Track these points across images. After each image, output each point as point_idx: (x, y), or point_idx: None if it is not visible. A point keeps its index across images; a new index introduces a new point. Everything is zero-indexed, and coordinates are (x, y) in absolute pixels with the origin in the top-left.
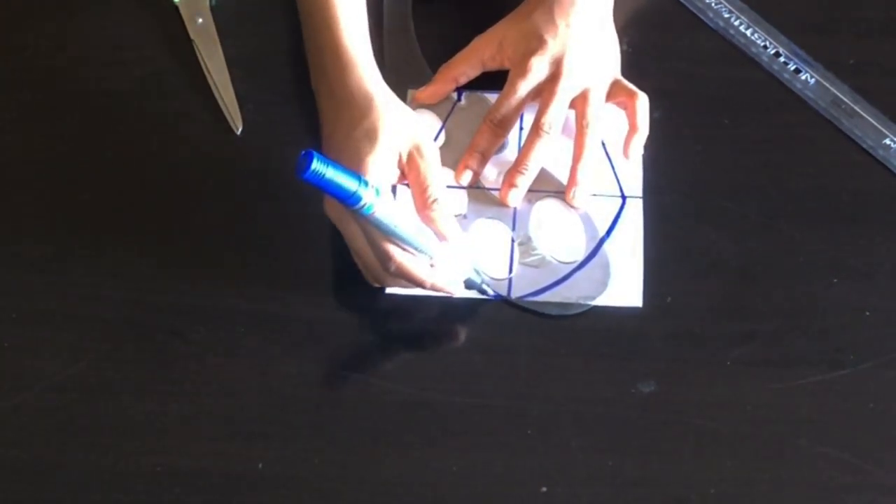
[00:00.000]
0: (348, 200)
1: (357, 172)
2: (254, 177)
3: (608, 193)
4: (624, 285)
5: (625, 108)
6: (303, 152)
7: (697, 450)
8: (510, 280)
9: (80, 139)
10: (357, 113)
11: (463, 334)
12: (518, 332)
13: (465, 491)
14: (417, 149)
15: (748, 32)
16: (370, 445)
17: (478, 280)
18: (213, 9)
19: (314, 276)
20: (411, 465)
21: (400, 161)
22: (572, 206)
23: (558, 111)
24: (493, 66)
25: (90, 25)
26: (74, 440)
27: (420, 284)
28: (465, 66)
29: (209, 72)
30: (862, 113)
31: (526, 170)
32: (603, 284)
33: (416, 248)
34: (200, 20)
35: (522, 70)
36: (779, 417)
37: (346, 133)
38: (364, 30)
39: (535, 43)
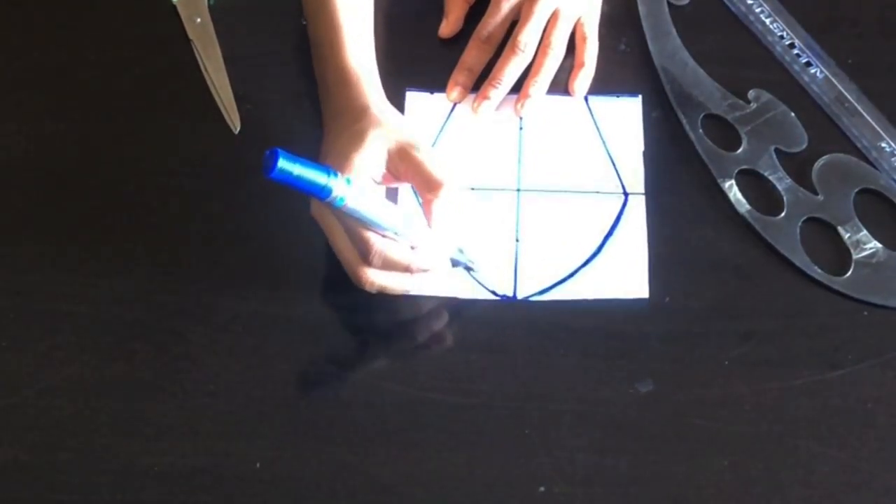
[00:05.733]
0: (319, 194)
1: (328, 166)
2: (252, 177)
3: (610, 191)
4: (630, 278)
5: (575, 47)
6: (267, 151)
7: (695, 449)
8: (515, 280)
9: (79, 139)
10: (351, 119)
11: (461, 334)
12: (516, 332)
13: (463, 490)
14: (410, 145)
15: (768, 21)
16: (369, 445)
17: (463, 258)
18: (211, 9)
19: (314, 276)
20: (410, 465)
21: (391, 160)
22: (516, 114)
23: (534, 31)
24: None
25: (89, 25)
26: (73, 440)
27: (406, 269)
28: None
29: (207, 72)
30: (863, 113)
31: (499, 84)
32: (609, 279)
33: (395, 234)
34: (199, 20)
35: None
36: (777, 417)
37: (337, 135)
38: (370, 49)
39: None
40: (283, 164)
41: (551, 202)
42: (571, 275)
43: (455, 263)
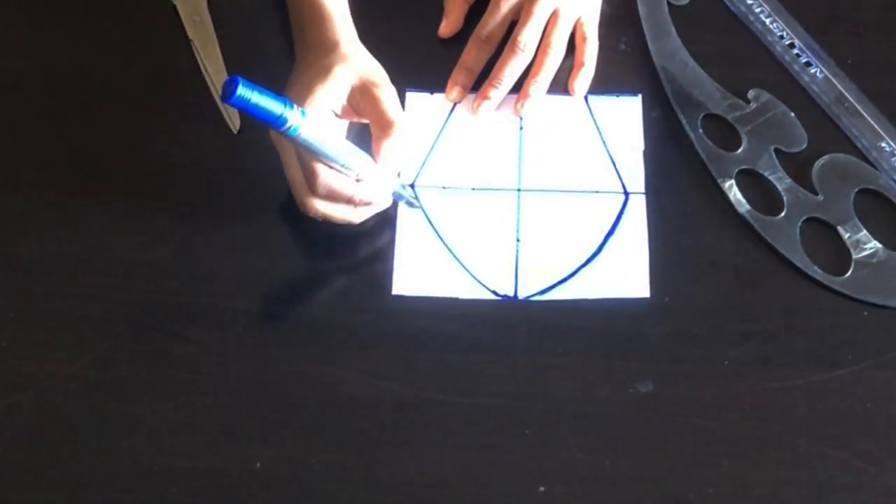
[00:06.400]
0: (275, 123)
1: (285, 97)
2: (251, 177)
3: (611, 190)
4: (631, 277)
5: (575, 47)
6: (227, 78)
7: (695, 450)
8: (516, 280)
9: (78, 139)
10: (322, 53)
11: (461, 334)
12: (516, 332)
13: (463, 491)
14: (373, 83)
15: (768, 21)
16: (369, 445)
17: (405, 194)
18: (211, 8)
19: (313, 276)
20: (410, 465)
21: (353, 96)
22: (516, 114)
23: (534, 30)
24: None
25: (88, 25)
26: (73, 440)
27: (349, 201)
28: None
29: (207, 72)
30: (863, 113)
31: (500, 84)
32: (609, 279)
33: (343, 166)
34: (198, 20)
35: None
36: (776, 417)
37: (306, 67)
38: None
39: None
40: (242, 91)
41: (552, 202)
42: (572, 274)
43: (398, 198)
